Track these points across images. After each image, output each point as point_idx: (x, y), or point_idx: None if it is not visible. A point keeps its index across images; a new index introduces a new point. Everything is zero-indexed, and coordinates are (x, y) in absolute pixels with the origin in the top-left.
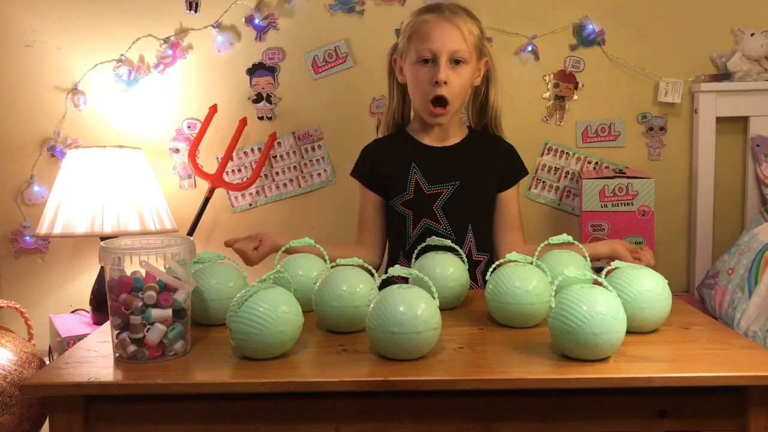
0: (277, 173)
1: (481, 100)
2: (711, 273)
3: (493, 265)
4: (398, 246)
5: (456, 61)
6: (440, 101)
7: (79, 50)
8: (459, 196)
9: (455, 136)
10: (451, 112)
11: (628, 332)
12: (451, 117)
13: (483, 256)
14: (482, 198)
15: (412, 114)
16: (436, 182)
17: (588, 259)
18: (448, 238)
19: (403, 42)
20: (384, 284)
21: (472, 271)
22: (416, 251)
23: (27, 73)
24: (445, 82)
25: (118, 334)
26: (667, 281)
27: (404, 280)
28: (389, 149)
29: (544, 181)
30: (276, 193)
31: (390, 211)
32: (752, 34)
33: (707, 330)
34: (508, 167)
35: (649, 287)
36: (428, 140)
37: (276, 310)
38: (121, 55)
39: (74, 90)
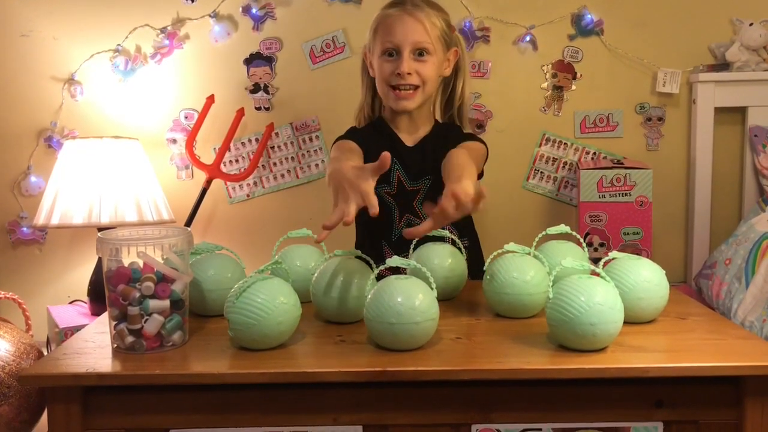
0: (274, 164)
1: (449, 91)
2: (708, 263)
3: (491, 256)
4: (382, 236)
5: (420, 53)
6: (405, 88)
7: (76, 40)
8: (434, 191)
9: (423, 127)
10: (419, 97)
11: (626, 322)
12: (420, 104)
13: (463, 241)
14: None
15: (383, 107)
16: (415, 179)
17: (585, 249)
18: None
19: (370, 37)
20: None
21: None
22: (412, 246)
23: (23, 64)
24: (408, 74)
25: (115, 325)
26: (664, 272)
27: (396, 270)
28: (372, 137)
29: (542, 172)
30: (274, 184)
31: None
32: (751, 24)
33: (704, 320)
34: (454, 142)
35: (647, 278)
36: (402, 132)
37: (274, 301)
38: (118, 45)
39: (71, 80)
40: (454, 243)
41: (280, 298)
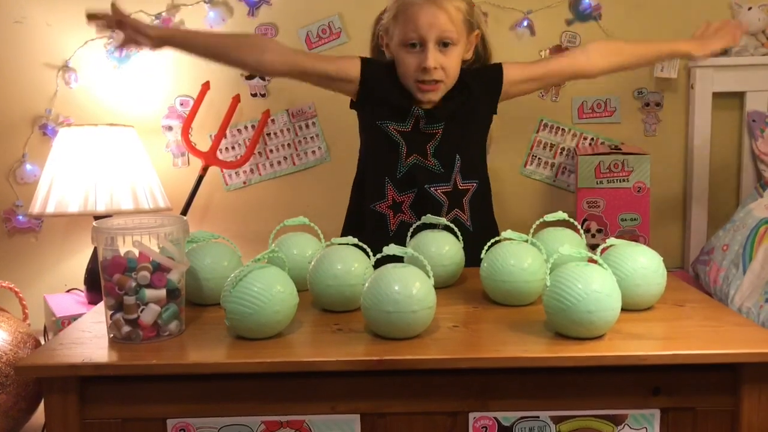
0: (271, 151)
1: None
2: (706, 249)
3: (489, 243)
4: (385, 172)
5: (444, 44)
6: (429, 82)
7: (70, 27)
8: (450, 133)
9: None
10: (442, 90)
11: (623, 310)
12: (442, 95)
13: (470, 184)
14: (473, 130)
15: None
16: (432, 122)
17: (583, 236)
18: (437, 174)
19: (389, 20)
20: (378, 262)
21: (458, 200)
22: (411, 230)
23: (17, 51)
24: (434, 68)
25: (112, 315)
26: (662, 258)
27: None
28: (388, 82)
29: (539, 158)
30: (270, 171)
31: (376, 133)
32: (749, 9)
33: (701, 307)
34: (484, 86)
35: (644, 265)
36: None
37: (270, 290)
38: (113, 31)
39: (65, 67)
40: (450, 230)
41: (277, 287)
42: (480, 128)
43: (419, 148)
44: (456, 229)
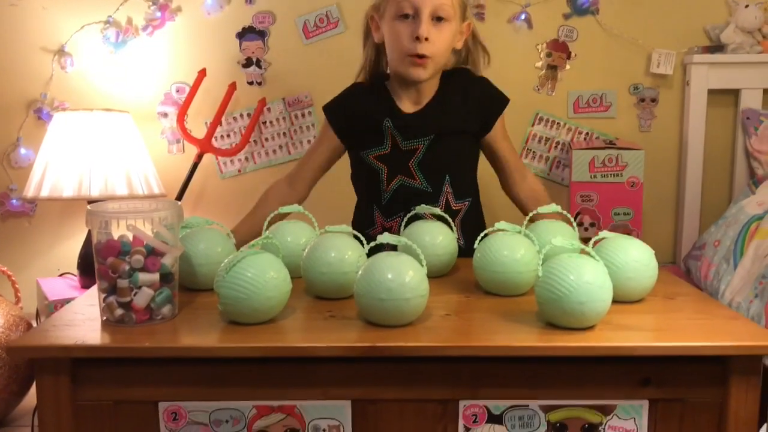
0: (266, 139)
1: (461, 61)
2: (698, 244)
3: (482, 234)
4: (371, 200)
5: (438, 18)
6: (421, 57)
7: (66, 11)
8: (435, 149)
9: (429, 94)
10: (431, 68)
11: (614, 301)
12: (430, 75)
13: (462, 203)
14: (460, 146)
15: (388, 71)
16: (411, 138)
17: (576, 229)
18: (425, 193)
19: None
20: (372, 251)
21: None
22: (404, 220)
23: (12, 34)
24: (426, 38)
25: (105, 298)
26: (653, 252)
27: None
28: (369, 98)
29: (534, 151)
30: (265, 160)
31: (359, 163)
32: (746, 6)
33: (692, 300)
34: (484, 103)
35: (636, 257)
36: (404, 102)
37: (264, 276)
38: (109, 16)
39: (61, 51)
40: (444, 221)
41: (270, 273)
42: (470, 141)
43: (402, 167)
44: (450, 220)
